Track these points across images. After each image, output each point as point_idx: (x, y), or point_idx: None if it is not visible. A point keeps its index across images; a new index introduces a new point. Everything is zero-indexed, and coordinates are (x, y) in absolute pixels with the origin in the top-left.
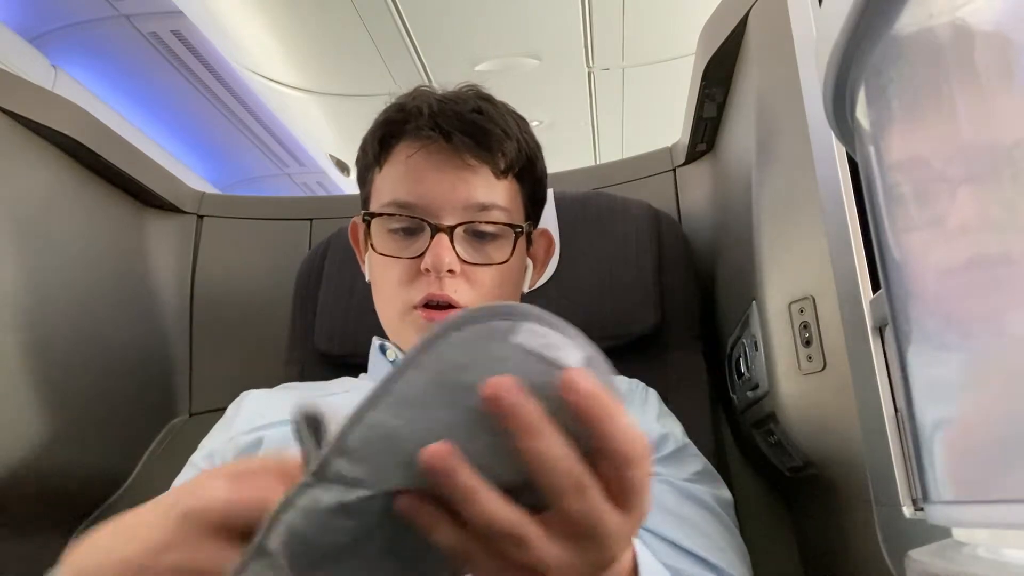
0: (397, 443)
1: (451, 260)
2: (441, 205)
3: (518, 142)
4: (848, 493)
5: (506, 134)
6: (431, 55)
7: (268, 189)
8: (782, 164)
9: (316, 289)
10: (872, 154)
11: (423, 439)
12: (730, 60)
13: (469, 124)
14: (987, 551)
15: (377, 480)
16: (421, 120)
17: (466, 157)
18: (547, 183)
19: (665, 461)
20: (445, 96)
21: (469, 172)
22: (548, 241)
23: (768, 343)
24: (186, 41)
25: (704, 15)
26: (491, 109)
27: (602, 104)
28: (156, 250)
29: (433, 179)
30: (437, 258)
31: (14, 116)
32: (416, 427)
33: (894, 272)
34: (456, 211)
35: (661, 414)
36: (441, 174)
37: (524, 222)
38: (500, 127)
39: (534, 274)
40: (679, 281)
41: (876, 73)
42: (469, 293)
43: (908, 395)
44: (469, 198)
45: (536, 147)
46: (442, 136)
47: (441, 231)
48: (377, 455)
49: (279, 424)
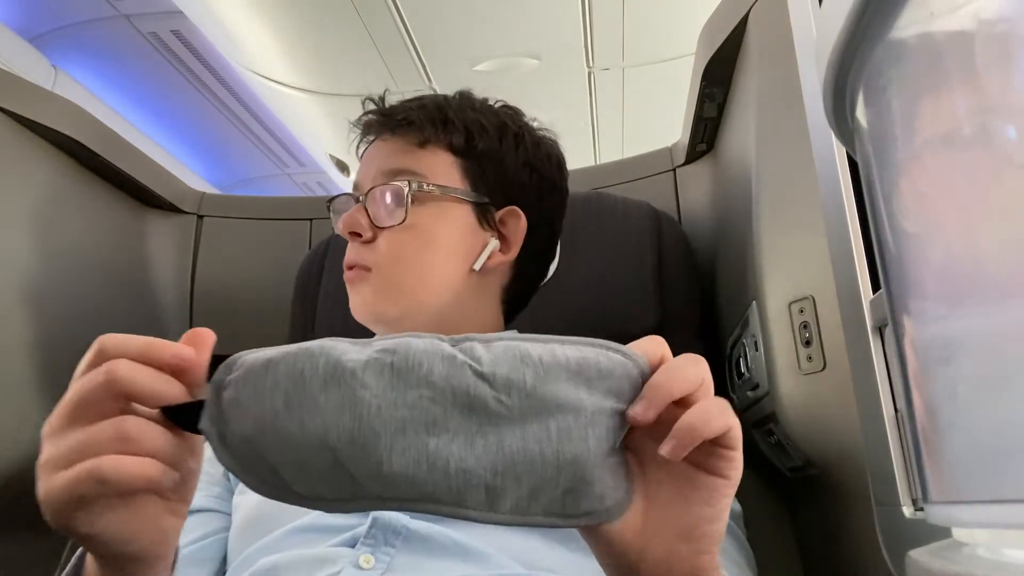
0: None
1: (360, 223)
2: (363, 180)
3: (456, 117)
4: (848, 493)
5: (436, 113)
6: (431, 55)
7: (268, 189)
8: (782, 164)
9: (316, 289)
10: (872, 154)
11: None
12: (730, 60)
13: (398, 110)
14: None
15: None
16: (370, 117)
17: (384, 135)
18: (537, 172)
19: None
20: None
21: (385, 146)
22: (518, 219)
23: (768, 343)
24: (186, 41)
25: (704, 15)
26: (438, 98)
27: (602, 104)
28: (156, 250)
29: (363, 162)
30: (344, 221)
31: (14, 116)
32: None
33: (894, 272)
34: (371, 181)
35: None
36: (367, 156)
37: (470, 197)
38: (430, 108)
39: (499, 252)
40: (679, 281)
41: (876, 73)
42: (374, 255)
43: (908, 395)
44: (381, 166)
45: (497, 129)
46: (376, 126)
47: (359, 199)
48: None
49: None
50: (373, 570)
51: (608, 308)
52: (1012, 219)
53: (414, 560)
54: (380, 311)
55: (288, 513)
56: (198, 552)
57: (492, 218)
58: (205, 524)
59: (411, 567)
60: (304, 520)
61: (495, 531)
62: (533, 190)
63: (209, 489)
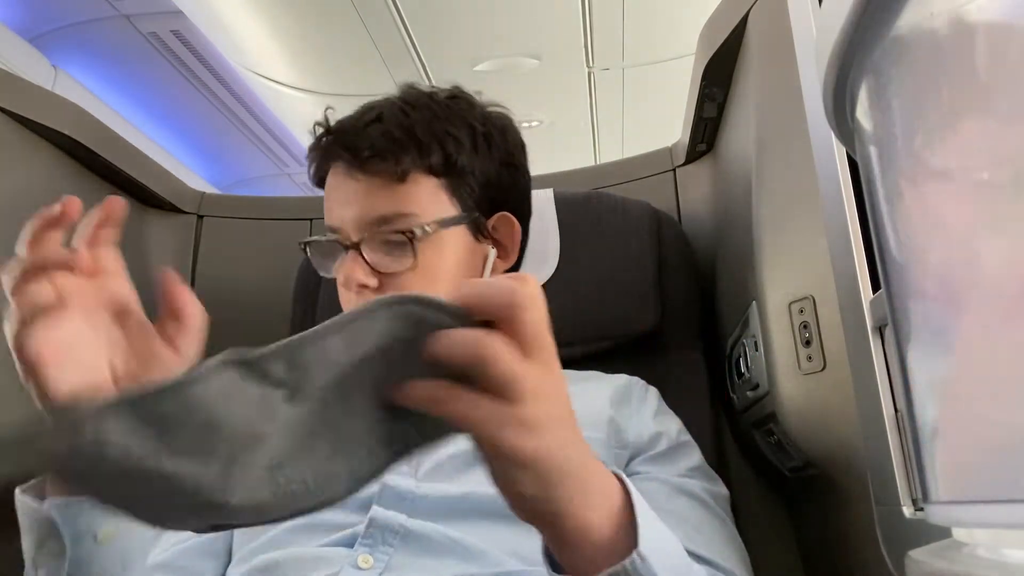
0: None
1: (363, 274)
2: (348, 225)
3: (424, 139)
4: (848, 493)
5: (403, 137)
6: (431, 55)
7: (268, 189)
8: (782, 164)
9: (316, 288)
10: (872, 154)
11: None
12: (730, 60)
13: (361, 138)
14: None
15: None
16: (327, 143)
17: (355, 174)
18: (513, 167)
19: (657, 459)
20: (360, 109)
21: (363, 188)
22: (511, 226)
23: (768, 343)
24: (186, 41)
25: (704, 15)
26: (397, 112)
27: (602, 104)
28: (156, 250)
29: (337, 203)
30: (345, 275)
31: (14, 116)
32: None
33: (894, 272)
34: (358, 227)
35: (658, 412)
36: (341, 196)
37: (459, 216)
38: (393, 131)
39: (499, 260)
40: (679, 281)
41: (876, 73)
42: None
43: (908, 395)
44: (370, 212)
45: (465, 134)
46: (338, 159)
47: (349, 248)
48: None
49: None
50: (372, 570)
51: (608, 308)
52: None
53: (412, 559)
54: None
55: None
56: (204, 544)
57: (485, 228)
58: None
59: (409, 566)
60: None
61: (493, 528)
62: (514, 188)
63: None
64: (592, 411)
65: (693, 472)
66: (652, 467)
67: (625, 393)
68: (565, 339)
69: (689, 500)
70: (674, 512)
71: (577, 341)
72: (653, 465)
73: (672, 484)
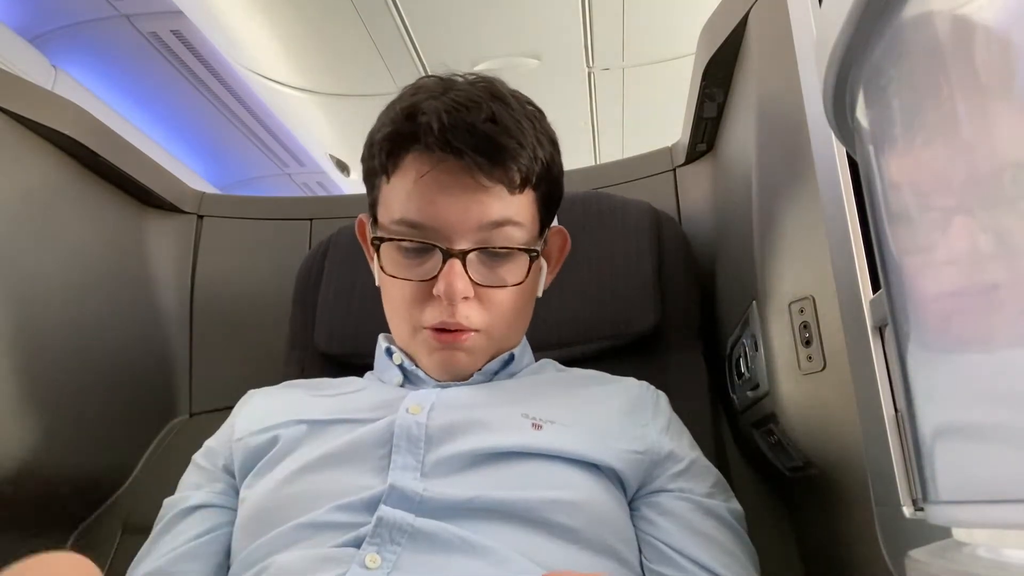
0: None
1: (464, 287)
2: (453, 228)
3: (534, 150)
4: (848, 493)
5: (521, 145)
6: (431, 55)
7: (268, 189)
8: (782, 164)
9: (316, 289)
10: (872, 154)
11: None
12: (730, 60)
13: (482, 139)
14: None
15: None
16: (431, 138)
17: (479, 177)
18: (561, 177)
19: (683, 476)
20: (456, 102)
21: (482, 192)
22: (563, 238)
23: (768, 343)
24: (186, 41)
25: (704, 15)
26: (505, 114)
27: (602, 104)
28: (156, 250)
29: (444, 201)
30: (450, 287)
31: (14, 116)
32: None
33: (894, 272)
34: (468, 234)
35: (669, 425)
36: (452, 196)
37: (539, 228)
38: (515, 138)
39: (548, 274)
40: (679, 281)
41: (876, 73)
42: (481, 316)
43: (908, 395)
44: (482, 219)
45: (552, 147)
46: (453, 155)
47: (453, 256)
48: None
49: (293, 423)
50: (379, 569)
51: (608, 308)
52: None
53: (420, 558)
54: (479, 367)
55: (293, 509)
56: (200, 547)
57: (545, 241)
58: (207, 520)
59: (418, 565)
60: (309, 517)
61: (501, 527)
62: (557, 203)
63: (212, 486)
64: (608, 416)
65: (714, 490)
66: (679, 484)
67: (639, 402)
68: (565, 339)
69: (718, 523)
70: (705, 534)
71: (577, 341)
72: (679, 482)
73: (703, 506)
